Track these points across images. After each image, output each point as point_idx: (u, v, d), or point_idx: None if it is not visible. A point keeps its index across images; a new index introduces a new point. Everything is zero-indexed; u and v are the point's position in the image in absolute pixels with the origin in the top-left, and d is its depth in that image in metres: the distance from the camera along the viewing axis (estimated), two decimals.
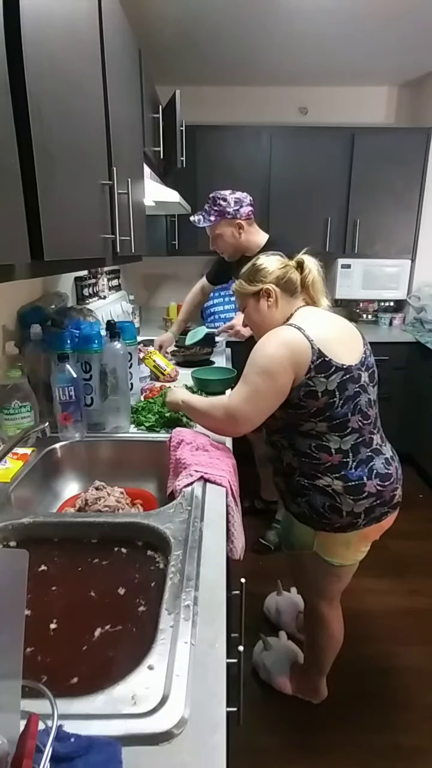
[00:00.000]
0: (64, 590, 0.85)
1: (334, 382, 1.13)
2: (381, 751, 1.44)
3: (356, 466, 1.19)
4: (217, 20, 2.31)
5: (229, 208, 1.93)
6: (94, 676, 0.67)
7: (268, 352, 1.14)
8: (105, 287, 2.53)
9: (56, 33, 0.79)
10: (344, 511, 1.18)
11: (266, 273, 1.26)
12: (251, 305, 1.29)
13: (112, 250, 1.19)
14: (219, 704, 0.58)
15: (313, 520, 1.23)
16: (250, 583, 0.89)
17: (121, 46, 1.26)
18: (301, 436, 1.19)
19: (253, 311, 1.29)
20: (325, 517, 1.20)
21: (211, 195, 1.97)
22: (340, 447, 1.18)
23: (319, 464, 1.19)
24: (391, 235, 3.15)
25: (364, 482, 1.18)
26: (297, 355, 1.11)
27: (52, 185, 0.76)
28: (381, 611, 1.97)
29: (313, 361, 1.11)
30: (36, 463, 1.22)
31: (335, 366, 1.13)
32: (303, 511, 1.24)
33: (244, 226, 1.97)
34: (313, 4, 2.17)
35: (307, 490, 1.22)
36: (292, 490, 1.26)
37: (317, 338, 1.13)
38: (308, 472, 1.21)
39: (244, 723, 0.79)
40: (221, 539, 0.91)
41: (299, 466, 1.22)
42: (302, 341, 1.12)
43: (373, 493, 1.19)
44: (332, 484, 1.18)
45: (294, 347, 1.12)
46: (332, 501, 1.19)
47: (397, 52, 2.71)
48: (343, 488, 1.18)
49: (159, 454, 1.29)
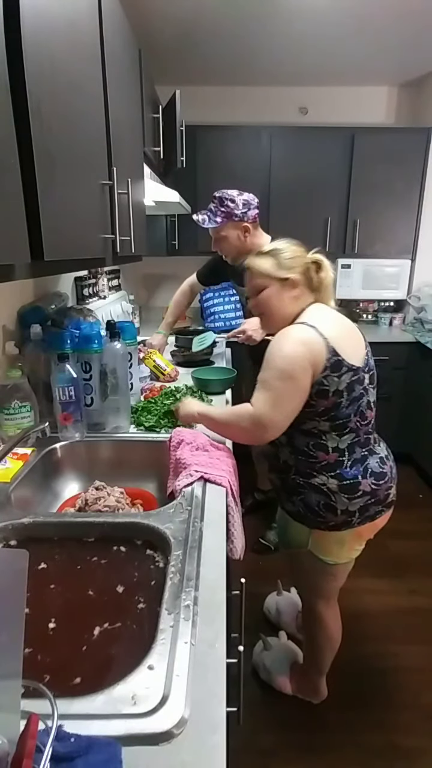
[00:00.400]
0: (63, 589, 0.85)
1: (344, 382, 1.13)
2: (380, 750, 1.44)
3: (351, 465, 1.19)
4: (217, 20, 2.31)
5: (237, 210, 1.85)
6: (96, 675, 0.67)
7: (286, 353, 1.11)
8: (105, 287, 2.52)
9: (56, 33, 0.79)
10: (339, 509, 1.19)
11: (298, 262, 1.20)
12: (273, 291, 1.20)
13: (112, 250, 1.19)
14: (219, 704, 0.58)
15: (308, 519, 1.23)
16: (250, 583, 0.89)
17: (121, 46, 1.26)
18: (302, 434, 1.19)
19: (274, 297, 1.20)
20: (320, 516, 1.21)
21: (218, 194, 1.87)
22: (337, 446, 1.18)
23: (315, 463, 1.19)
24: (391, 235, 3.15)
25: (359, 481, 1.19)
26: (314, 353, 1.09)
27: (52, 185, 0.76)
28: (380, 611, 1.97)
29: (328, 359, 1.10)
30: (36, 463, 1.22)
31: (346, 366, 1.12)
32: (298, 509, 1.24)
33: (250, 229, 1.90)
34: (313, 4, 2.17)
35: (303, 489, 1.22)
36: (287, 488, 1.26)
37: (330, 337, 1.11)
38: (304, 470, 1.21)
39: (244, 723, 0.79)
40: (221, 539, 0.91)
41: (295, 464, 1.22)
42: (318, 339, 1.10)
43: (367, 491, 1.20)
44: (327, 482, 1.19)
45: (311, 346, 1.10)
46: (327, 499, 1.19)
47: (397, 52, 2.71)
48: (338, 487, 1.18)
49: (159, 454, 1.29)
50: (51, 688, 0.51)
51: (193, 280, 2.36)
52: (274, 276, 1.19)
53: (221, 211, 1.86)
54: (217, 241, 1.96)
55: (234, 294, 3.18)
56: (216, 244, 1.98)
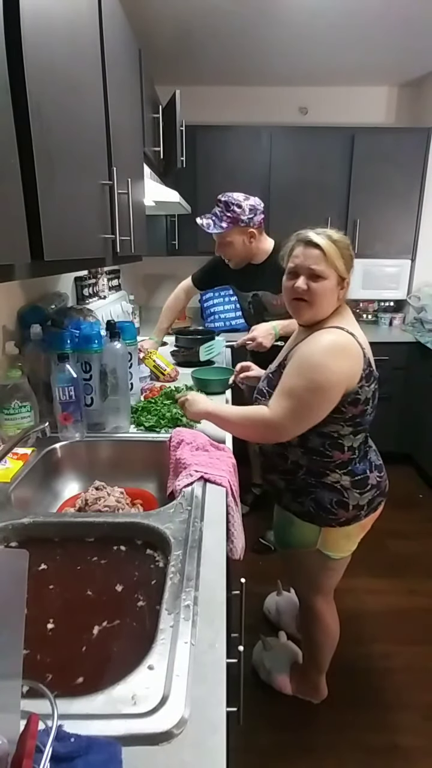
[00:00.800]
0: (63, 589, 0.85)
1: (371, 390, 1.13)
2: (380, 750, 1.44)
3: (359, 461, 1.22)
4: (217, 20, 2.31)
5: (244, 216, 1.80)
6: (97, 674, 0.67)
7: (325, 363, 1.06)
8: (105, 287, 2.52)
9: (56, 33, 0.79)
10: (351, 504, 1.21)
11: (353, 265, 1.14)
12: (331, 284, 1.11)
13: (112, 250, 1.19)
14: (219, 704, 0.58)
15: (319, 517, 1.23)
16: (250, 583, 0.89)
17: (121, 47, 1.26)
18: (318, 435, 1.17)
19: (329, 289, 1.11)
20: (332, 513, 1.22)
21: (223, 199, 1.81)
22: (352, 445, 1.19)
23: (329, 462, 1.20)
24: (391, 235, 3.14)
25: (367, 475, 1.22)
26: (354, 366, 1.08)
27: (52, 185, 0.76)
28: (380, 611, 1.97)
29: (364, 369, 1.09)
30: (36, 463, 1.22)
31: (374, 376, 1.13)
32: (308, 509, 1.24)
33: (256, 234, 1.86)
34: (313, 4, 2.17)
35: (313, 488, 1.22)
36: (294, 489, 1.26)
37: (365, 346, 1.11)
38: (317, 469, 1.21)
39: (244, 723, 0.79)
40: (221, 539, 0.91)
41: (307, 463, 1.22)
42: (358, 350, 1.09)
43: (374, 484, 1.23)
44: (341, 479, 1.20)
45: (352, 358, 1.08)
46: (340, 496, 1.20)
47: (397, 52, 2.71)
48: (351, 483, 1.20)
49: (159, 454, 1.29)
50: (57, 688, 0.51)
51: (188, 284, 2.25)
52: (340, 271, 1.11)
53: (227, 216, 1.81)
54: (222, 246, 1.91)
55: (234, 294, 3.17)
56: (220, 248, 1.93)
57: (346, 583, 1.40)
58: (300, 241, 1.13)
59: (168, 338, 2.34)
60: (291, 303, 1.16)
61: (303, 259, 1.11)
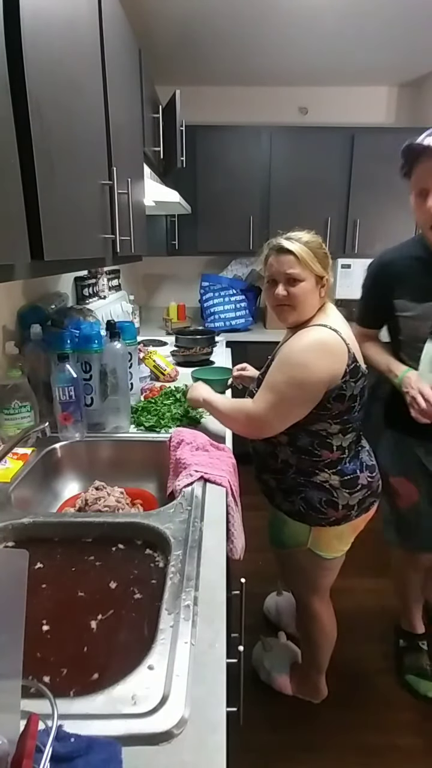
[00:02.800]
0: (60, 588, 0.84)
1: (358, 387, 1.13)
2: (380, 750, 1.44)
3: (350, 461, 1.21)
4: (217, 20, 2.31)
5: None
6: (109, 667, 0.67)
7: (306, 361, 1.08)
8: (105, 287, 2.52)
9: (56, 33, 0.79)
10: (340, 504, 1.20)
11: (329, 262, 1.17)
12: (309, 285, 1.13)
13: (112, 250, 1.19)
14: (219, 704, 0.58)
15: (309, 517, 1.24)
16: (250, 583, 0.89)
17: (121, 46, 1.26)
18: (307, 434, 1.18)
19: (308, 291, 1.13)
20: (321, 512, 1.21)
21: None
22: (341, 444, 1.19)
23: (318, 461, 1.20)
24: (391, 235, 3.12)
25: (357, 475, 1.21)
26: (337, 362, 1.08)
27: (52, 185, 0.76)
28: (380, 611, 1.97)
29: (348, 365, 1.09)
30: (36, 463, 1.22)
31: (361, 372, 1.13)
32: (298, 508, 1.24)
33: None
34: (313, 4, 2.17)
35: (303, 487, 1.22)
36: (285, 488, 1.26)
37: (350, 342, 1.11)
38: (306, 468, 1.21)
39: (244, 723, 0.79)
40: (221, 539, 0.91)
41: (297, 462, 1.22)
42: (341, 346, 1.09)
43: (365, 485, 1.23)
44: (330, 479, 1.20)
45: (335, 354, 1.08)
46: (329, 496, 1.20)
47: (397, 52, 2.71)
48: (340, 483, 1.20)
49: (159, 454, 1.29)
50: (70, 687, 0.51)
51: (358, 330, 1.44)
52: (316, 272, 1.13)
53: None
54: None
55: (234, 294, 3.17)
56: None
57: (343, 583, 1.40)
58: (272, 249, 1.16)
59: (168, 338, 2.34)
60: (275, 309, 1.19)
61: (278, 266, 1.14)
